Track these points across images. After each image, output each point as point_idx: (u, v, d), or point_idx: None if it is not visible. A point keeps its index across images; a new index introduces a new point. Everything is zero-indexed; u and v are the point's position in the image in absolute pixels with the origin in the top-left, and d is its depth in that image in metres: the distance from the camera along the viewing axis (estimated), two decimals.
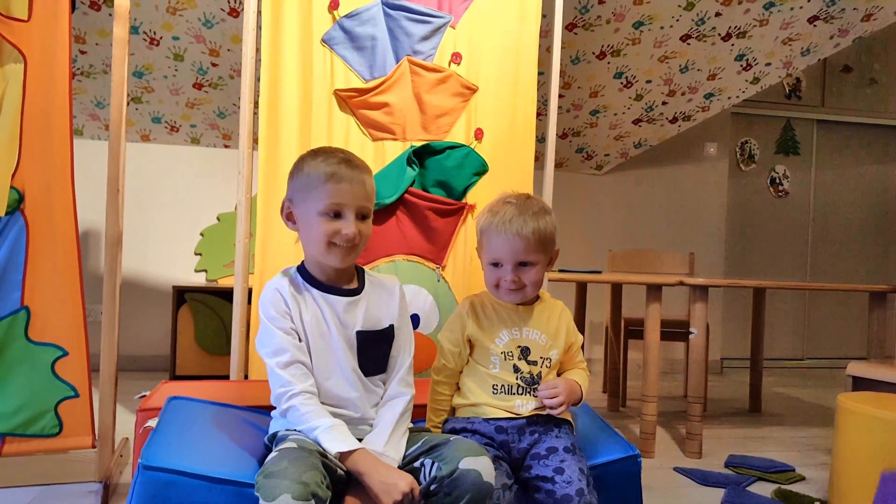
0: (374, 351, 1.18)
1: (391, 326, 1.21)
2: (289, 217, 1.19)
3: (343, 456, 1.02)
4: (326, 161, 1.13)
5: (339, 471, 1.02)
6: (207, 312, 3.18)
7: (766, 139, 4.64)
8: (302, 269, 1.19)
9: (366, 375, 1.16)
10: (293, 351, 1.11)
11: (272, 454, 1.01)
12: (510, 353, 1.22)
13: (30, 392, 1.68)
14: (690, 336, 2.34)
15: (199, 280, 3.51)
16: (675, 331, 2.97)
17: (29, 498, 1.64)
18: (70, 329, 1.72)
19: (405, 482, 0.99)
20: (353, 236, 1.12)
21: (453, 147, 2.01)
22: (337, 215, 1.12)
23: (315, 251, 1.15)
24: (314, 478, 0.92)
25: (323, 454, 1.01)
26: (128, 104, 1.88)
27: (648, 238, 4.23)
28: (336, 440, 1.03)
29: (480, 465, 1.01)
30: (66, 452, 1.73)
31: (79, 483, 1.73)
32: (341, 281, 1.19)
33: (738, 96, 3.41)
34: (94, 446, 1.73)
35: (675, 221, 4.31)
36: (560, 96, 3.22)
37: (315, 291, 1.16)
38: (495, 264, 1.22)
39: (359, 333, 1.16)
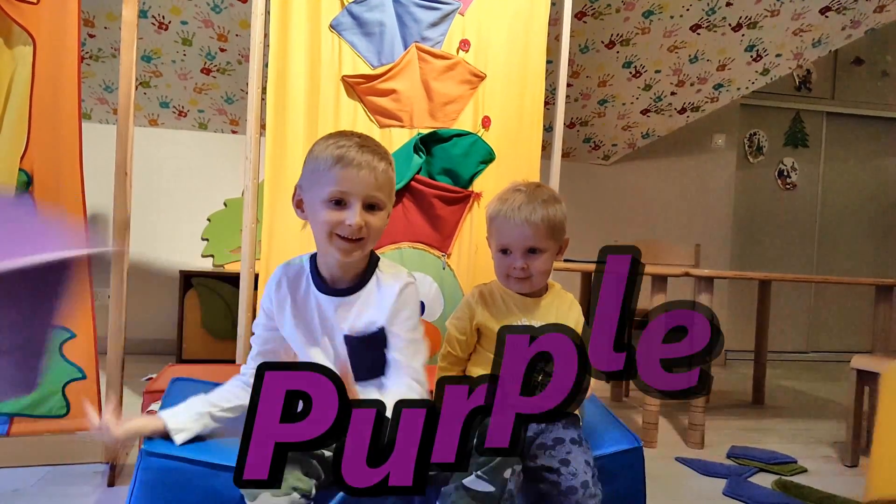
0: (366, 356, 1.10)
1: (381, 329, 1.09)
2: (298, 205, 1.10)
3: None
4: (337, 143, 1.04)
5: (325, 454, 0.98)
6: (214, 297, 3.20)
7: (775, 131, 4.61)
8: (313, 260, 1.13)
9: (358, 380, 1.06)
10: (263, 339, 1.15)
11: None
12: None
13: None
14: None
15: (206, 265, 3.52)
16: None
17: (37, 477, 1.66)
18: (78, 312, 1.73)
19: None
20: (357, 228, 1.01)
21: (460, 135, 2.00)
22: (340, 203, 1.02)
23: (318, 242, 1.07)
24: (292, 471, 0.91)
25: None
26: (136, 88, 1.88)
27: (655, 229, 4.22)
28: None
29: None
30: (74, 433, 1.75)
31: (86, 464, 1.76)
32: (346, 277, 1.10)
33: (747, 87, 3.38)
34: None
35: (681, 213, 4.30)
36: (568, 85, 3.20)
37: (312, 287, 1.10)
38: (504, 251, 1.22)
39: (346, 338, 1.09)
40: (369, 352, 1.10)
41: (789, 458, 2.18)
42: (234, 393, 1.11)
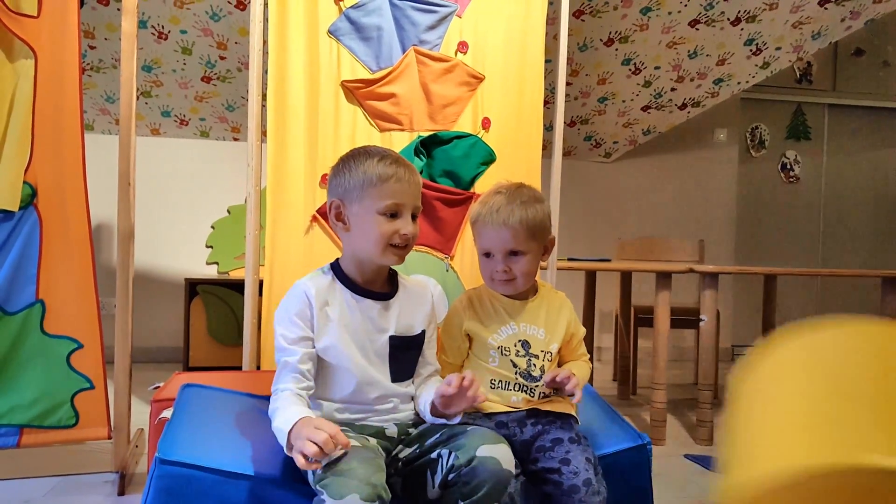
0: (404, 358, 1.17)
1: (423, 332, 1.19)
2: (338, 217, 1.14)
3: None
4: (383, 161, 1.11)
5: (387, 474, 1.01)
6: (219, 304, 3.21)
7: (777, 124, 4.59)
8: (336, 269, 1.16)
9: (394, 381, 1.14)
10: (301, 355, 1.07)
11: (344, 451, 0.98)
12: (507, 349, 1.21)
13: (46, 384, 1.71)
14: (700, 323, 2.33)
15: (211, 272, 3.54)
16: (685, 318, 2.96)
17: (47, 488, 1.67)
18: (84, 322, 1.74)
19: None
20: (413, 236, 1.11)
21: (460, 137, 2.01)
22: (394, 216, 1.10)
23: (371, 251, 1.11)
24: (381, 479, 0.93)
25: (386, 453, 1.05)
26: (137, 98, 1.89)
27: (658, 226, 4.22)
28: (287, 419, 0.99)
29: (498, 452, 1.00)
30: (83, 443, 1.76)
31: (96, 473, 1.77)
32: (376, 283, 1.16)
33: (747, 81, 3.38)
34: (109, 437, 1.76)
35: (684, 209, 4.29)
36: (568, 84, 3.21)
37: (348, 294, 1.13)
38: (487, 255, 1.22)
39: (392, 338, 1.14)
40: (409, 352, 1.18)
41: None
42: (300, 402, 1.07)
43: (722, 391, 3.16)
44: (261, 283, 1.93)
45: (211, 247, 3.57)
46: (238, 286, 3.08)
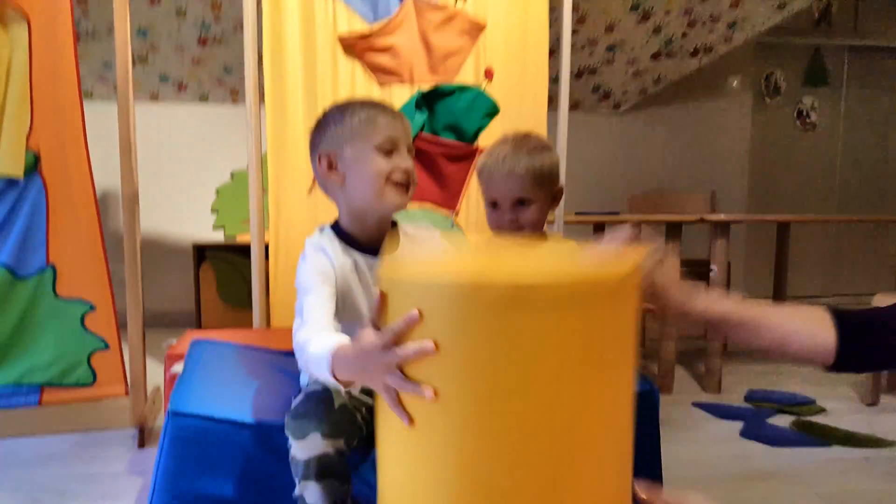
0: None
1: None
2: (330, 166, 1.08)
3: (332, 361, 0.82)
4: (366, 105, 1.09)
5: (358, 415, 0.99)
6: (228, 268, 3.24)
7: (793, 70, 4.44)
8: (337, 229, 1.10)
9: None
10: (328, 292, 1.01)
11: (300, 395, 1.00)
12: None
13: (62, 345, 1.76)
14: (711, 274, 2.31)
15: (218, 237, 3.56)
16: (695, 270, 2.94)
17: (70, 443, 1.74)
18: (95, 284, 1.78)
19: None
20: (411, 170, 1.06)
21: (462, 89, 1.97)
22: (389, 152, 1.05)
23: (370, 196, 1.05)
24: (342, 416, 0.94)
25: (349, 395, 0.99)
26: (134, 65, 1.87)
27: (669, 179, 4.15)
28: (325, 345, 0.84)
29: None
30: (101, 401, 1.82)
31: (116, 429, 1.83)
32: (381, 238, 1.10)
33: (763, 24, 3.25)
34: (127, 394, 1.81)
35: (696, 160, 4.21)
36: (573, 32, 3.10)
37: (355, 253, 1.07)
38: (494, 205, 1.21)
39: None
40: None
41: (808, 399, 2.18)
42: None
43: (732, 344, 3.15)
44: (266, 247, 1.94)
45: (216, 211, 3.58)
46: (245, 250, 3.09)
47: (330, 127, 1.09)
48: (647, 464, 1.30)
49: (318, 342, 0.87)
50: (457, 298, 0.62)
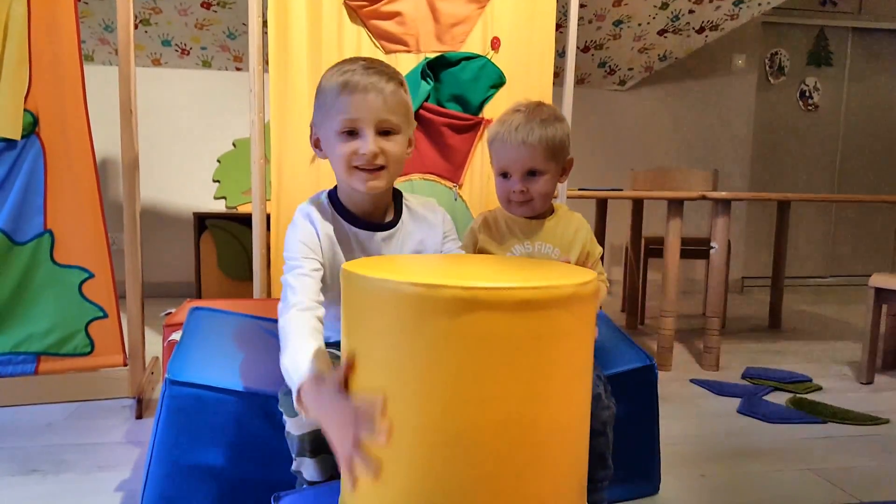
0: None
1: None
2: (316, 144, 1.05)
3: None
4: (341, 70, 0.98)
5: None
6: (229, 238, 3.22)
7: (798, 50, 4.40)
8: (333, 198, 1.06)
9: None
10: (312, 265, 0.99)
11: None
12: None
13: (59, 313, 1.74)
14: (711, 251, 2.31)
15: (220, 207, 3.53)
16: (696, 248, 2.94)
17: (68, 412, 1.73)
18: (94, 251, 1.75)
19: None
20: (373, 155, 0.96)
21: (469, 58, 1.93)
22: (353, 133, 0.97)
23: (340, 179, 1.03)
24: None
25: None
26: (136, 27, 1.82)
27: (672, 156, 4.13)
28: (298, 369, 0.84)
29: None
30: (99, 370, 1.81)
31: (114, 399, 1.82)
32: (376, 213, 1.06)
33: (769, 2, 3.20)
34: (125, 364, 1.80)
35: (700, 138, 4.19)
36: (581, 6, 3.06)
37: (346, 225, 1.04)
38: (504, 175, 1.19)
39: None
40: None
41: (804, 377, 2.20)
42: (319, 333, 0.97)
43: (730, 322, 3.17)
44: (268, 217, 1.92)
45: (218, 181, 3.54)
46: (246, 220, 3.08)
47: (316, 97, 1.04)
48: (646, 438, 1.32)
49: (291, 357, 0.87)
50: (412, 299, 0.64)
